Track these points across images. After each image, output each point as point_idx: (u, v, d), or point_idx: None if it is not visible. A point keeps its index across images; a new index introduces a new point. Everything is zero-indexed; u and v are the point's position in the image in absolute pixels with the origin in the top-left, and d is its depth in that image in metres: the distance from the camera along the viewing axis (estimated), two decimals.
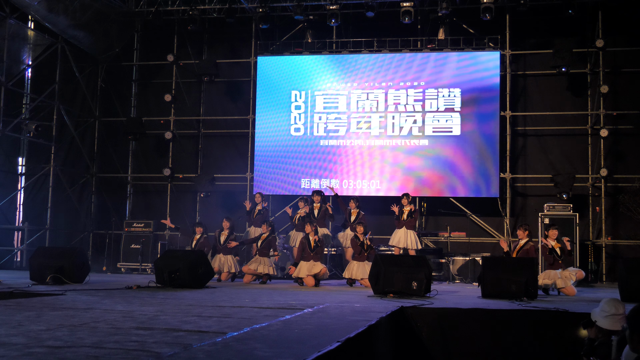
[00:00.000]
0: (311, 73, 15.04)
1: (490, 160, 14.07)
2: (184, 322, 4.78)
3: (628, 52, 14.15)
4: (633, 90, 14.11)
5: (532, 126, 14.66)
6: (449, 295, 8.55)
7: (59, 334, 3.99)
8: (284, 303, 6.71)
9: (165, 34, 15.91)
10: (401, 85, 14.57)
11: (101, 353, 3.33)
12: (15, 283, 8.90)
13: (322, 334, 4.21)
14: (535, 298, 7.97)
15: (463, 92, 14.25)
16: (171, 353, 3.35)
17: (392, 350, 5.65)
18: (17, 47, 14.72)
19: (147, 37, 16.38)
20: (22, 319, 4.74)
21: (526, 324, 6.22)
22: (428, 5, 14.64)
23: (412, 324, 6.29)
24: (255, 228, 12.15)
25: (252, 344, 3.76)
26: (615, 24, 14.17)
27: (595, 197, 14.06)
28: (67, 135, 15.65)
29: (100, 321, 4.73)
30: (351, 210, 11.90)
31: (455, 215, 14.07)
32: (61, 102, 15.36)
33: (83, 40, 15.16)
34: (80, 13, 14.05)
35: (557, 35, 14.42)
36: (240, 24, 15.51)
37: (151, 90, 16.30)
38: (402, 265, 8.41)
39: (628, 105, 14.03)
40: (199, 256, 9.37)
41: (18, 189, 15.48)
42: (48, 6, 13.54)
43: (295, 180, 14.87)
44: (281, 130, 15.06)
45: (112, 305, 6.04)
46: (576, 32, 14.49)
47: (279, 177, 14.97)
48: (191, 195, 15.56)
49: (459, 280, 12.68)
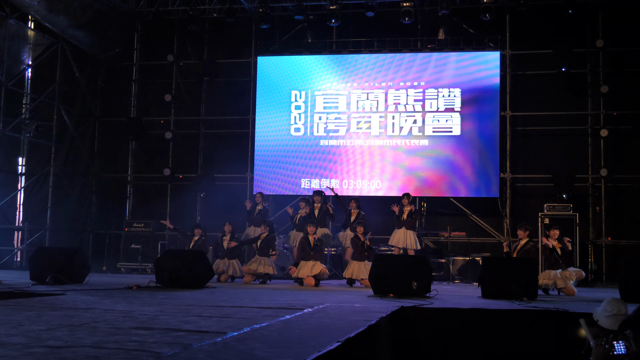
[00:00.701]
0: (311, 73, 15.04)
1: (490, 160, 14.07)
2: (184, 322, 4.78)
3: (628, 52, 14.15)
4: (633, 90, 14.10)
5: (532, 126, 14.65)
6: (449, 295, 8.55)
7: (59, 334, 3.98)
8: (284, 303, 6.71)
9: (165, 34, 15.91)
10: (401, 85, 14.57)
11: (101, 353, 3.33)
12: (15, 283, 8.90)
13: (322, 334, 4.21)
14: (535, 298, 7.97)
15: (463, 92, 14.25)
16: (171, 353, 3.35)
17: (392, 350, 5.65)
18: (17, 47, 14.73)
19: (147, 37, 16.38)
20: (22, 319, 4.74)
21: (526, 324, 6.22)
22: (428, 5, 14.65)
23: (412, 324, 6.29)
24: (255, 228, 12.15)
25: (252, 344, 3.76)
26: (615, 24, 14.17)
27: (595, 197, 14.05)
28: (67, 135, 15.64)
29: (100, 321, 4.72)
30: (351, 210, 11.89)
31: (456, 215, 14.07)
32: (61, 102, 15.36)
33: (83, 40, 15.15)
34: (80, 13, 14.04)
35: (557, 35, 14.42)
36: (240, 24, 15.51)
37: (151, 90, 16.28)
38: (402, 265, 8.42)
39: (628, 105, 14.03)
40: (199, 256, 9.37)
41: (18, 189, 15.48)
42: (48, 6, 13.53)
43: (296, 180, 14.87)
44: (281, 130, 15.06)
45: (112, 305, 6.04)
46: (576, 32, 14.48)
47: (279, 177, 14.98)
48: (191, 195, 15.55)
49: (459, 280, 12.68)
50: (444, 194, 14.25)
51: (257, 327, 4.50)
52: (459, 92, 14.27)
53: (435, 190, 14.26)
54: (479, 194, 14.11)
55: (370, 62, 14.79)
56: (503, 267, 8.47)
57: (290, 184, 14.90)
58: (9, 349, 3.37)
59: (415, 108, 14.44)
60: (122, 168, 16.25)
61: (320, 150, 14.85)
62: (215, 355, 3.31)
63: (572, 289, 9.37)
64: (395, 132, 14.50)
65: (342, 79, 14.88)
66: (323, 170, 14.76)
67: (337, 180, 14.55)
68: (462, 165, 14.14)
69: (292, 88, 15.08)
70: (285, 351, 3.50)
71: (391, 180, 14.42)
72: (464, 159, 14.14)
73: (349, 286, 10.80)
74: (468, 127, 14.18)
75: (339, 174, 14.65)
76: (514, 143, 14.57)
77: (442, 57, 14.51)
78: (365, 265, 10.58)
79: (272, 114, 15.15)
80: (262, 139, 15.15)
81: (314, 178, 14.75)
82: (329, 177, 14.63)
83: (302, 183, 14.79)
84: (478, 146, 14.13)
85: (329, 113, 14.89)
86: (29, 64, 15.46)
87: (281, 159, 15.00)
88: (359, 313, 5.74)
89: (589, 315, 4.12)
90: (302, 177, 14.82)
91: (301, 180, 14.82)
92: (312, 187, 14.32)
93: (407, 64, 14.61)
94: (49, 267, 9.15)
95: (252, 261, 11.28)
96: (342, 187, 14.46)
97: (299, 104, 15.03)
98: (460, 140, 14.19)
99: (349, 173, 14.61)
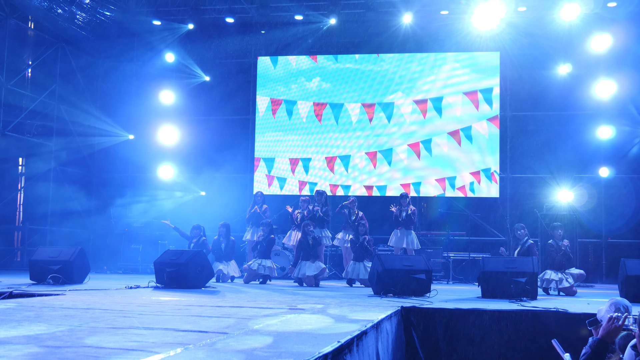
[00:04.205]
0: (311, 73, 15.04)
1: (490, 160, 14.08)
2: (184, 322, 4.78)
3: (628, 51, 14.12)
4: (634, 90, 14.09)
5: (532, 126, 14.65)
6: (449, 295, 8.55)
7: (59, 334, 3.98)
8: (283, 303, 6.71)
9: (165, 34, 15.90)
10: (401, 85, 14.56)
11: (101, 353, 3.33)
12: (15, 283, 8.90)
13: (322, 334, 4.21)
14: (535, 298, 7.97)
15: (463, 92, 14.25)
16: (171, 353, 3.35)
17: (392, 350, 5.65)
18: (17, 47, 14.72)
19: (146, 37, 16.35)
20: (22, 319, 4.74)
21: (526, 324, 6.22)
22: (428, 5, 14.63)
23: (412, 324, 6.29)
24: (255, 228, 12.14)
25: (252, 344, 3.76)
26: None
27: (595, 196, 14.04)
28: (67, 135, 15.64)
29: (100, 321, 4.72)
30: (351, 210, 11.89)
31: (456, 215, 14.07)
32: (61, 102, 15.35)
33: (83, 40, 15.14)
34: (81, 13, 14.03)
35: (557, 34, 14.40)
36: (240, 24, 15.50)
37: (151, 90, 16.27)
38: (402, 265, 8.42)
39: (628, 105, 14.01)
40: (199, 256, 9.37)
41: (18, 189, 15.47)
42: (48, 6, 13.53)
43: (296, 180, 14.87)
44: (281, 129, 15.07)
45: (112, 305, 6.04)
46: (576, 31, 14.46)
47: (279, 177, 14.97)
48: (191, 195, 15.54)
49: (459, 280, 12.68)
50: (444, 193, 14.26)
51: (257, 327, 4.50)
52: (459, 92, 14.28)
53: (435, 190, 14.26)
54: (479, 194, 14.12)
55: (370, 62, 14.80)
56: (503, 267, 8.47)
57: (291, 183, 14.90)
58: (9, 349, 3.37)
59: (415, 108, 14.45)
60: (122, 168, 16.24)
61: (321, 151, 14.85)
62: (215, 355, 3.31)
63: (572, 289, 9.38)
64: (396, 131, 14.50)
65: (342, 79, 14.89)
66: (323, 171, 14.77)
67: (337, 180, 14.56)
68: (462, 165, 14.14)
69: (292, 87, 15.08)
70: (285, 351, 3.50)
71: (391, 180, 14.43)
72: (464, 159, 14.14)
73: (348, 286, 10.81)
74: (468, 127, 14.18)
75: (339, 173, 14.65)
76: (514, 143, 14.57)
77: (441, 57, 14.53)
78: (364, 265, 10.60)
79: (272, 114, 15.15)
80: (262, 139, 15.16)
81: (315, 178, 14.76)
82: (329, 176, 14.64)
83: (303, 183, 14.80)
84: (478, 146, 14.14)
85: None
86: (29, 64, 15.45)
87: (281, 159, 15.01)
88: (358, 313, 5.74)
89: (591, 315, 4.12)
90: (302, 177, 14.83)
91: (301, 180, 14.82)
92: (313, 187, 14.33)
93: (406, 64, 14.62)
94: (49, 267, 9.14)
95: (252, 261, 11.27)
96: (342, 187, 14.46)
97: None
98: (461, 140, 14.20)
99: (349, 173, 14.61)
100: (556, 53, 14.17)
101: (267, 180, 15.02)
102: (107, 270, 14.04)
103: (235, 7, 14.99)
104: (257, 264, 11.07)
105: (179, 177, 15.65)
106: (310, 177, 14.81)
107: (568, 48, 14.13)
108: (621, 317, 3.70)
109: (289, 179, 14.95)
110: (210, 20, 15.49)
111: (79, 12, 14.15)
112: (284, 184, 14.96)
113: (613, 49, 13.95)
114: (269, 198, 14.41)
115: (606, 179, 13.89)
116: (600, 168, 13.81)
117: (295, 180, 14.89)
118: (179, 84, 15.90)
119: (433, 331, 6.29)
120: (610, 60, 14.15)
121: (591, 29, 14.01)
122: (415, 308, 6.40)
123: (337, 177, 14.66)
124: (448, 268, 12.75)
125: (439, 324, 6.30)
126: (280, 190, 14.98)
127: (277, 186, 15.00)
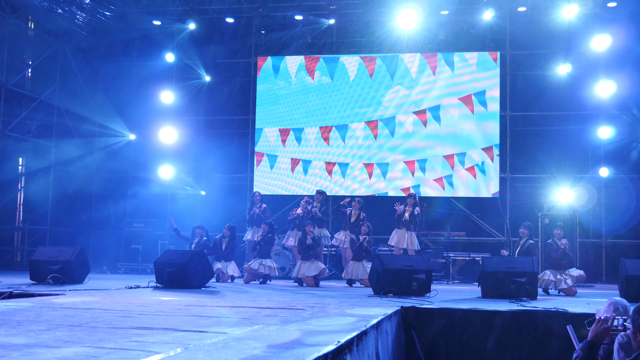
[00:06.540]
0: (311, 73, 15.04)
1: (490, 160, 14.08)
2: (184, 322, 4.78)
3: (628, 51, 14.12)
4: (633, 90, 14.08)
5: (532, 126, 14.64)
6: (449, 295, 8.55)
7: (59, 334, 3.99)
8: (283, 303, 6.71)
9: (165, 34, 15.90)
10: (401, 85, 14.57)
11: (101, 353, 3.33)
12: (15, 283, 8.90)
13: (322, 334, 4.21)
14: (535, 298, 7.97)
15: (463, 92, 14.25)
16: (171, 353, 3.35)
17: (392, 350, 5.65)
18: (17, 47, 14.71)
19: (146, 37, 16.35)
20: (22, 319, 4.74)
21: (526, 324, 6.22)
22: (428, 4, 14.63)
23: (412, 324, 6.29)
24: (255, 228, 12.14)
25: (252, 344, 3.76)
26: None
27: (595, 196, 14.04)
28: (67, 135, 15.64)
29: (100, 321, 4.72)
30: (352, 210, 11.88)
31: (456, 215, 14.06)
32: (61, 102, 15.35)
33: (83, 40, 15.14)
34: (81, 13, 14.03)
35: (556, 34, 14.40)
36: (240, 24, 15.50)
37: (151, 90, 16.26)
38: (402, 265, 8.42)
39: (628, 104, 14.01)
40: (199, 256, 9.37)
41: (18, 189, 15.47)
42: (48, 6, 13.53)
43: (296, 180, 14.87)
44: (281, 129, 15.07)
45: (112, 305, 6.04)
46: (576, 32, 14.46)
47: (279, 177, 14.98)
48: (191, 195, 15.54)
49: (459, 280, 12.68)
50: (444, 193, 14.26)
51: (257, 327, 4.50)
52: (459, 92, 14.28)
53: (435, 190, 14.27)
54: (479, 194, 14.12)
55: (370, 62, 14.79)
56: (503, 267, 8.47)
57: (291, 183, 14.90)
58: (9, 349, 3.37)
59: (416, 108, 14.45)
60: (122, 168, 16.23)
61: (321, 151, 14.85)
62: (215, 355, 3.31)
63: (572, 289, 9.38)
64: (396, 131, 14.51)
65: (342, 79, 14.89)
66: (323, 171, 14.76)
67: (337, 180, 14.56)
68: (461, 165, 14.14)
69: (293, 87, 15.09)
70: (285, 351, 3.50)
71: (391, 180, 14.43)
72: (464, 159, 14.14)
73: (348, 286, 10.81)
74: (468, 127, 14.19)
75: (339, 173, 14.65)
76: (514, 143, 14.57)
77: (441, 57, 14.52)
78: (364, 265, 10.60)
79: (272, 114, 15.16)
80: (261, 139, 15.16)
81: (315, 177, 14.75)
82: (329, 176, 14.64)
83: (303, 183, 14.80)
84: (478, 146, 14.14)
85: None
86: (29, 64, 15.44)
87: (281, 159, 15.01)
88: (358, 313, 5.74)
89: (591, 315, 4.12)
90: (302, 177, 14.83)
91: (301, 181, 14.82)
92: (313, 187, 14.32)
93: (407, 64, 14.62)
94: (49, 267, 9.14)
95: (252, 261, 11.28)
96: (342, 186, 14.46)
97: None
98: (461, 140, 14.20)
99: (349, 173, 14.61)
100: (556, 53, 14.17)
101: (267, 180, 15.00)
102: (107, 270, 14.03)
103: (236, 7, 15.00)
104: (257, 264, 11.07)
105: (179, 177, 15.64)
106: (310, 177, 14.80)
107: (568, 48, 14.13)
108: (610, 318, 3.70)
109: (289, 179, 14.94)
110: (210, 20, 15.49)
111: (79, 12, 14.16)
112: (284, 184, 14.95)
113: (613, 49, 13.93)
114: (269, 198, 14.42)
115: (606, 179, 13.89)
116: (600, 168, 13.81)
117: (295, 180, 14.88)
118: (179, 84, 15.89)
119: (433, 331, 6.29)
120: (610, 60, 14.14)
121: (591, 29, 14.00)
122: (415, 308, 6.40)
123: (336, 178, 14.64)
124: (448, 268, 12.74)
125: (439, 324, 6.29)
126: (280, 190, 14.97)
127: (277, 186, 14.99)
